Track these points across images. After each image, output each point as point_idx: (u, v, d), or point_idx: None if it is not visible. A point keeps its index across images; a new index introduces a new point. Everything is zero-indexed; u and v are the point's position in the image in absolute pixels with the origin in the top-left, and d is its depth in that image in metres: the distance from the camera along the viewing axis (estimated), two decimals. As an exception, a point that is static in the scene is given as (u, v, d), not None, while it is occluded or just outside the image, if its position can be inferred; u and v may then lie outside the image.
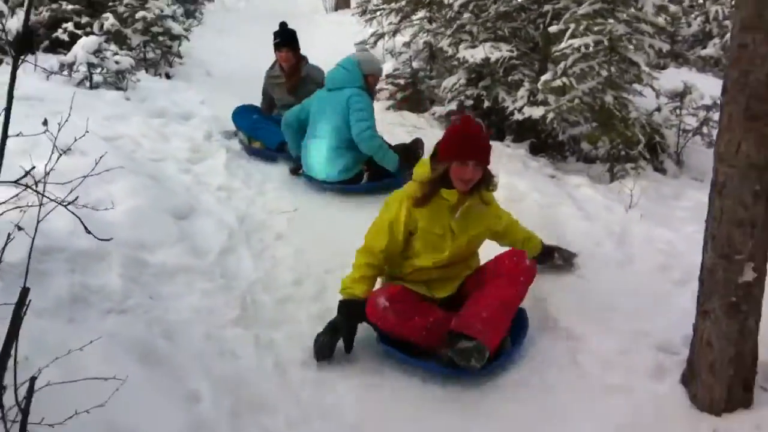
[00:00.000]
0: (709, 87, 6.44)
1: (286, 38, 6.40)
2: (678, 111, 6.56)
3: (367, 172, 5.52)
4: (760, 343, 2.95)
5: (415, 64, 8.45)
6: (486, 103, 6.73)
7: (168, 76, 8.31)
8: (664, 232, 4.42)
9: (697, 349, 2.99)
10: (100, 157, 2.90)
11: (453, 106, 7.02)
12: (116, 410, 2.35)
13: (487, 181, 3.53)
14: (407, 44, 8.52)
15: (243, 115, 6.37)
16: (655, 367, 3.18)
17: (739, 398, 2.94)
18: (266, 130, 6.17)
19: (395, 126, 6.96)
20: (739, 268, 2.82)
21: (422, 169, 3.54)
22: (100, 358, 2.66)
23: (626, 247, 4.29)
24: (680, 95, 6.52)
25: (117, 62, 6.83)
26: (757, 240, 2.80)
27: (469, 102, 6.88)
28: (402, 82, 8.11)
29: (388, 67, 8.12)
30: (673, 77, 7.09)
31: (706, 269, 2.93)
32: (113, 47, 7.16)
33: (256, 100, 6.70)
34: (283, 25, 6.51)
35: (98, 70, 6.77)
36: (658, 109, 6.49)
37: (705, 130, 6.48)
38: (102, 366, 2.53)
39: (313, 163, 5.48)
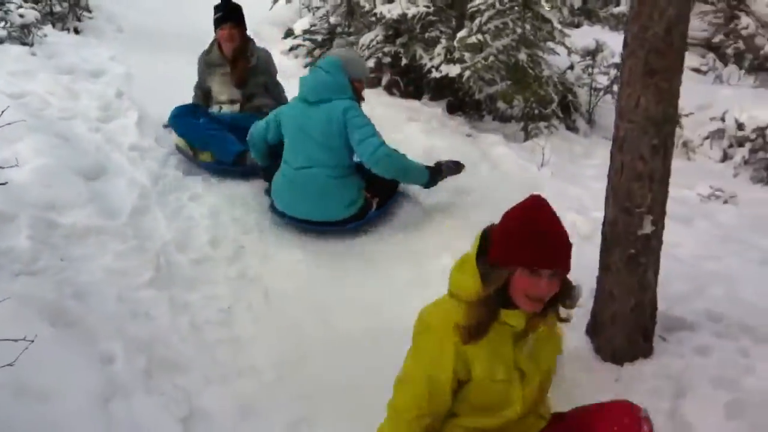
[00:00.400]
0: (620, 45, 6.56)
1: (231, 11, 5.11)
2: (590, 69, 6.72)
3: (376, 199, 4.41)
4: (658, 295, 3.09)
5: (332, 20, 8.34)
6: (404, 61, 6.75)
7: (77, 31, 7.99)
8: (574, 189, 4.56)
9: (600, 301, 3.12)
10: (2, 111, 2.82)
11: (371, 63, 7.01)
12: (26, 371, 2.35)
13: (565, 295, 2.27)
14: (324, -2, 8.41)
15: (185, 119, 5.03)
16: (562, 320, 3.29)
17: (639, 348, 3.07)
18: (219, 139, 4.92)
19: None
20: (638, 220, 2.93)
21: (464, 279, 2.25)
22: (10, 319, 2.63)
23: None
24: (592, 53, 6.69)
25: (21, 15, 6.54)
26: (655, 193, 2.92)
27: (387, 59, 6.89)
28: (319, 38, 7.98)
29: (304, 23, 8.01)
30: (585, 35, 7.26)
31: (608, 223, 3.04)
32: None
33: (172, 57, 6.39)
34: None
35: (1, 23, 6.48)
36: (571, 68, 6.65)
37: (615, 88, 6.66)
38: (11, 328, 2.49)
39: (302, 201, 4.29)
